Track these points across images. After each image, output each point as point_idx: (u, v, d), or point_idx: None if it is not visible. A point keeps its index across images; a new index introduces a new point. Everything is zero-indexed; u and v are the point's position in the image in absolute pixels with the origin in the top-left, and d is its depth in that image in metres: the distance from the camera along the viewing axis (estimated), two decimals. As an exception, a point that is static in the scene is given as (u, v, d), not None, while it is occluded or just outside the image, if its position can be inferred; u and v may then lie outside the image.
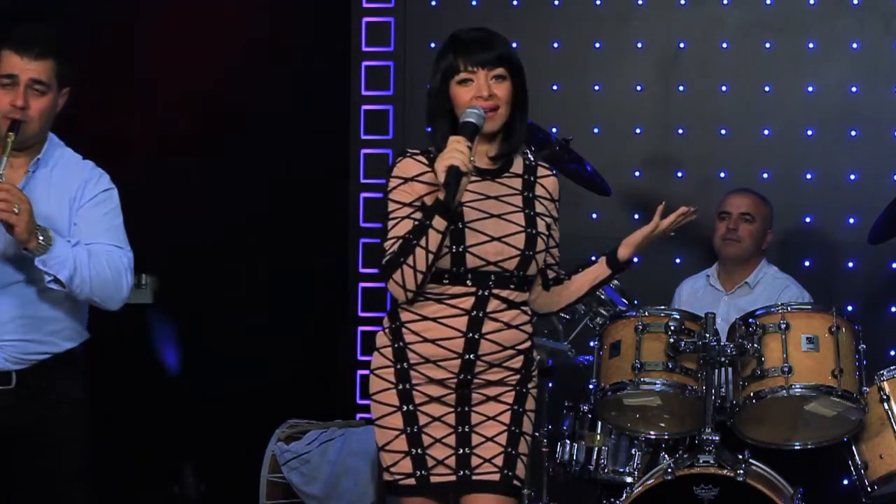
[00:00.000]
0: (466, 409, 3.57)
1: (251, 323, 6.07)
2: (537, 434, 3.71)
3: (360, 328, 6.21)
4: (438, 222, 3.45)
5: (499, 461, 3.55)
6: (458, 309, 3.54)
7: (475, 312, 3.53)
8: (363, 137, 6.23)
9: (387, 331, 3.63)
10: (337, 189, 6.22)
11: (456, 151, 3.40)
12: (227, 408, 5.94)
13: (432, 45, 6.12)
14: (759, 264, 5.34)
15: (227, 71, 6.13)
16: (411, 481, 3.57)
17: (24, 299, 3.65)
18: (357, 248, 6.22)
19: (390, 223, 3.55)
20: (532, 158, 3.73)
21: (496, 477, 3.54)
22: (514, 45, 3.78)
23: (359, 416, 5.89)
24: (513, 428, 3.58)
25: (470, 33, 3.62)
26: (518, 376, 3.61)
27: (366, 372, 6.17)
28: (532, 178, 3.67)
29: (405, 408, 3.57)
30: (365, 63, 6.23)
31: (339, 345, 6.23)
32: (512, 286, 3.56)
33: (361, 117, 6.23)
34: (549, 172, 3.72)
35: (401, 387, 3.58)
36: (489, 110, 3.53)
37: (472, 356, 3.54)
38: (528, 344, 3.64)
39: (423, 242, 3.45)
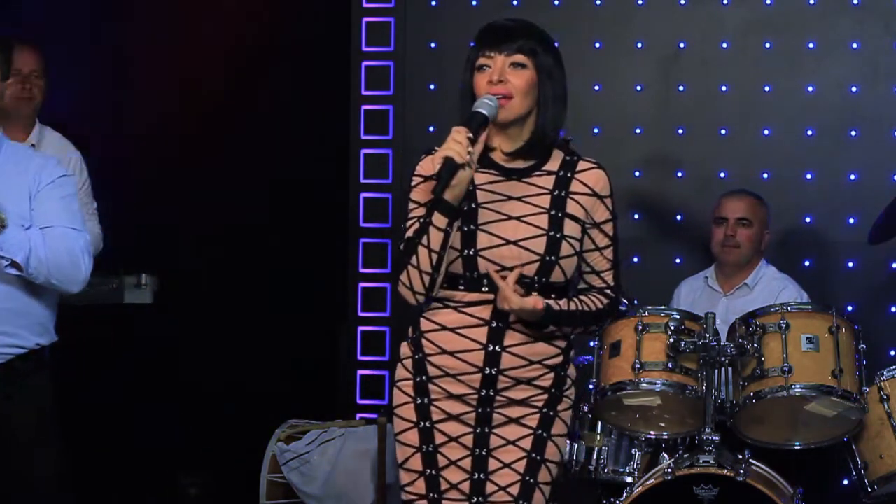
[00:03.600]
0: (486, 430, 3.36)
1: (251, 323, 6.07)
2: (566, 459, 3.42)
3: (360, 328, 6.20)
4: (438, 219, 3.28)
5: (514, 490, 3.36)
6: (476, 319, 3.34)
7: (495, 323, 3.32)
8: (363, 137, 6.21)
9: (409, 341, 3.44)
10: (337, 189, 6.21)
11: (452, 142, 3.22)
12: (227, 408, 5.93)
13: (432, 45, 6.13)
14: (758, 265, 5.32)
15: (226, 71, 6.12)
16: (424, 503, 3.40)
17: None
18: (357, 248, 6.21)
19: (407, 223, 3.37)
20: (575, 153, 3.48)
21: None
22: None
23: (359, 416, 5.88)
24: (534, 455, 3.37)
25: (500, 22, 3.43)
26: (546, 396, 3.38)
27: (366, 372, 6.22)
28: (569, 175, 3.41)
29: (422, 424, 3.38)
30: (365, 63, 6.22)
31: (340, 345, 6.22)
32: (535, 294, 3.31)
33: (361, 117, 6.22)
34: (591, 165, 3.46)
35: (419, 401, 3.39)
36: (501, 97, 3.32)
37: (493, 370, 3.33)
38: (559, 359, 3.40)
39: (425, 241, 3.29)
